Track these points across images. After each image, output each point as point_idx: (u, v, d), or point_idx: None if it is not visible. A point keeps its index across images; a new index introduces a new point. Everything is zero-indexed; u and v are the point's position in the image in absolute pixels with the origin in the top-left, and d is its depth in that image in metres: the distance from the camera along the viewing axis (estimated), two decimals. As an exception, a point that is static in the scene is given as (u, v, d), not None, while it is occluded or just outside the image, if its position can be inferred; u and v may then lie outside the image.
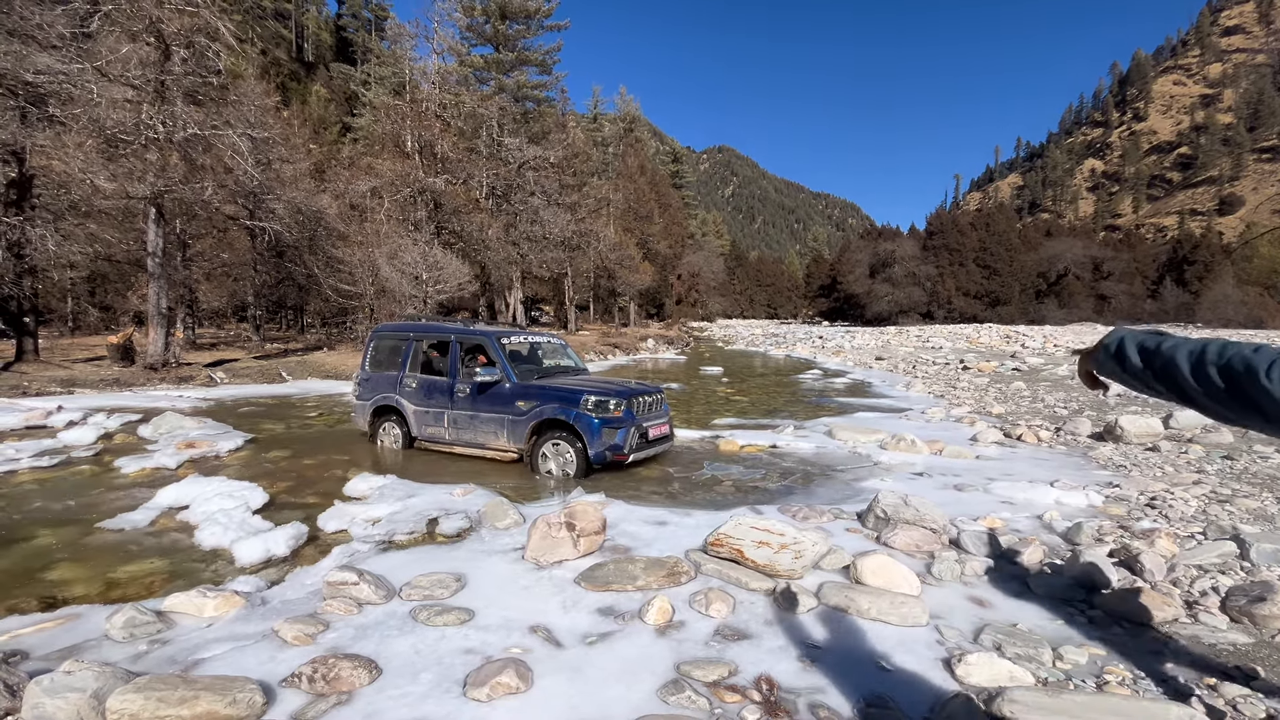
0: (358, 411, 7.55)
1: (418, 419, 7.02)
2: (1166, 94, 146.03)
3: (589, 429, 5.99)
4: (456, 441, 6.85)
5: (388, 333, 7.65)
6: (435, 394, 6.91)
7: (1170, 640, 2.79)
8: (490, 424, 6.56)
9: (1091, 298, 50.21)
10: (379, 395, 7.30)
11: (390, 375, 7.25)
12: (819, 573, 3.50)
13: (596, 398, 6.12)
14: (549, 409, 6.23)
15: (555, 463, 6.19)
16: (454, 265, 17.87)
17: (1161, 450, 6.56)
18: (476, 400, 6.64)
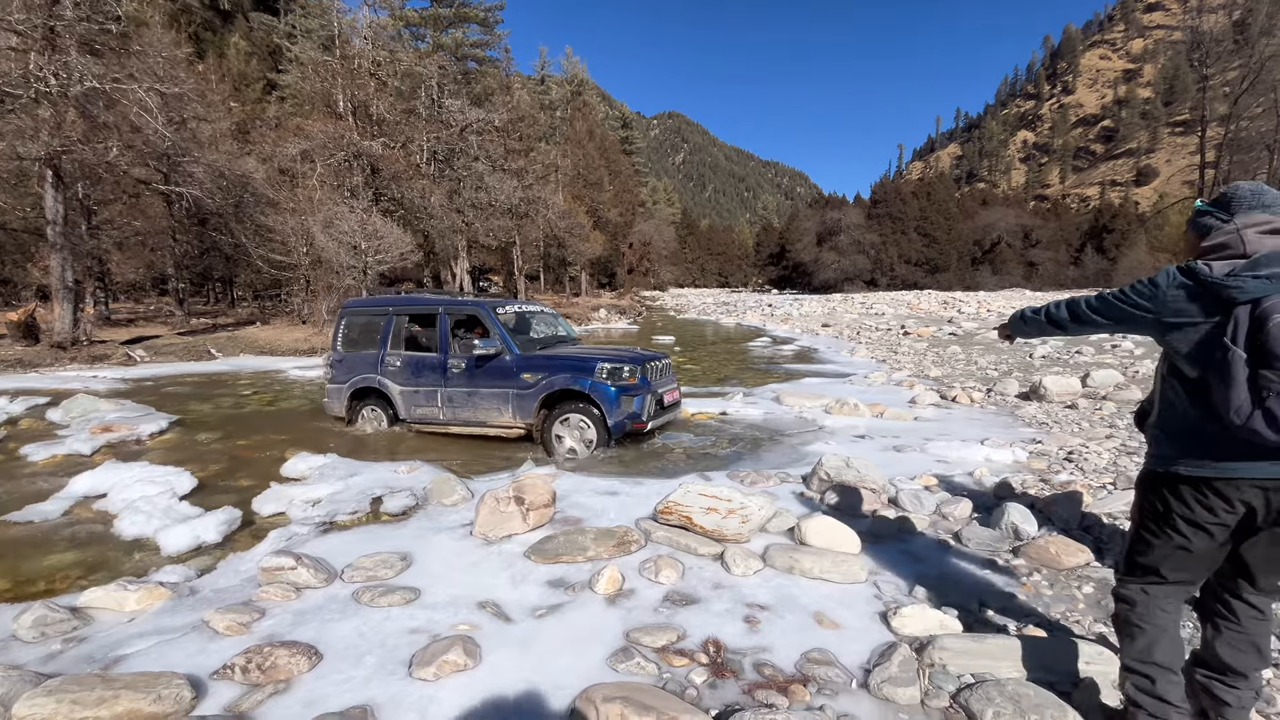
0: (331, 396, 6.99)
1: (405, 400, 6.60)
2: (1093, 68, 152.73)
3: (606, 398, 5.71)
4: (453, 421, 6.46)
5: (361, 308, 7.07)
6: (424, 372, 6.51)
7: (1082, 583, 3.01)
8: (492, 400, 6.21)
9: (1021, 265, 52.90)
10: (357, 377, 6.77)
11: (368, 355, 6.74)
12: (766, 535, 3.60)
13: (610, 365, 5.86)
14: (560, 379, 5.92)
15: (572, 437, 5.87)
16: (395, 234, 17.08)
17: (1079, 408, 7.02)
18: (474, 376, 6.28)
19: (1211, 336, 1.68)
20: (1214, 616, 1.91)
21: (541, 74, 61.26)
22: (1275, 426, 1.56)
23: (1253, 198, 1.74)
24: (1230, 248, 1.70)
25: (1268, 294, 1.60)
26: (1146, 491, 1.89)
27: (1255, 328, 1.60)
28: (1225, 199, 1.79)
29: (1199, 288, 1.69)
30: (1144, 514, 1.90)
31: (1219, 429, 1.69)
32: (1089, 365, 9.73)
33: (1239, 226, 1.71)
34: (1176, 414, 1.79)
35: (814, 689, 2.25)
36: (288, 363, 13.49)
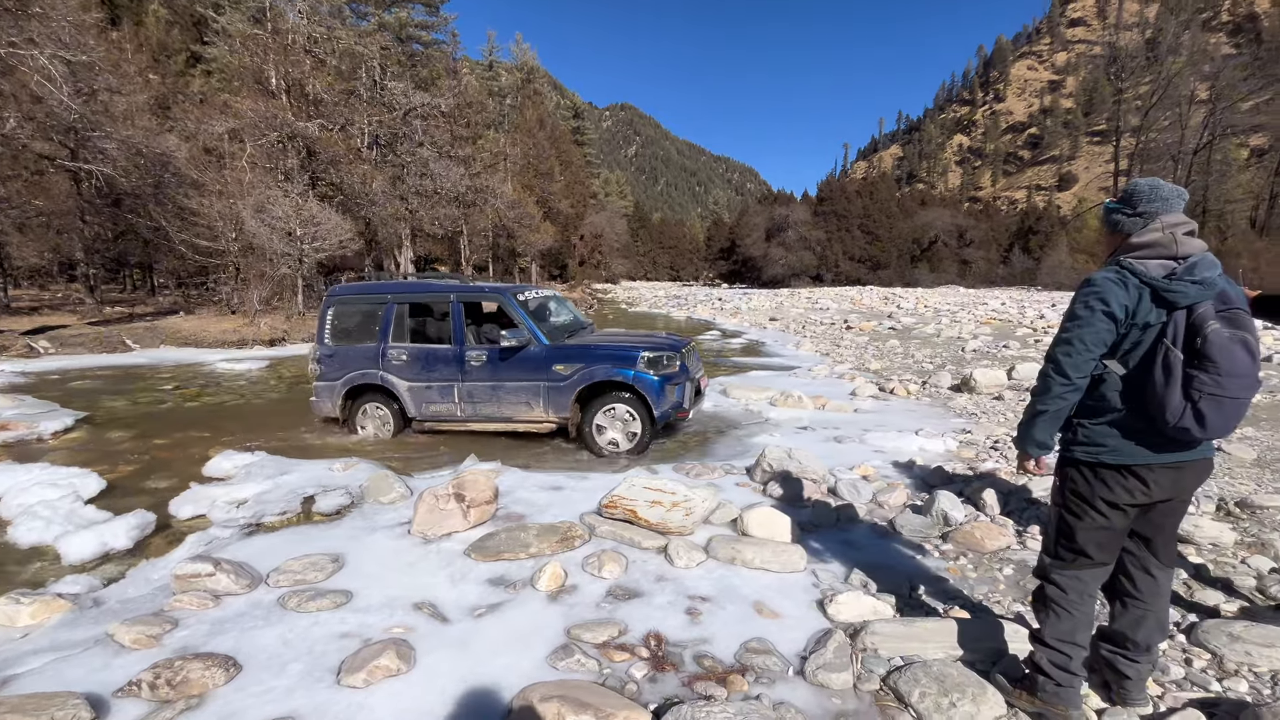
0: (321, 395, 6.23)
1: (415, 396, 6.03)
2: (1022, 78, 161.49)
3: (651, 389, 5.50)
4: (473, 418, 6.00)
5: (351, 296, 6.32)
6: (437, 365, 5.97)
7: (1003, 565, 3.18)
8: (520, 394, 5.81)
9: (956, 263, 55.56)
10: (353, 372, 6.10)
11: (366, 348, 6.09)
12: (709, 527, 3.63)
13: (651, 353, 5.64)
14: (600, 370, 5.60)
15: (615, 430, 5.63)
16: (333, 221, 16.31)
17: (1005, 399, 7.43)
18: (498, 368, 5.83)
19: (1150, 338, 1.78)
20: (1121, 595, 2.05)
21: (490, 60, 59.65)
22: (1204, 425, 1.68)
23: (1151, 192, 1.85)
24: (1162, 246, 1.79)
25: (1202, 300, 1.71)
26: (1070, 479, 1.99)
27: (1190, 332, 1.71)
28: (1130, 195, 1.90)
29: (1147, 290, 1.77)
30: (1067, 500, 2.00)
31: (1145, 423, 1.80)
32: (1014, 359, 10.30)
33: (1167, 225, 1.81)
34: (1103, 408, 1.88)
35: (752, 678, 2.28)
36: (215, 355, 12.70)
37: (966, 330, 14.85)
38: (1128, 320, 1.80)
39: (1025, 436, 2.02)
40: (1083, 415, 1.93)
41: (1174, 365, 1.71)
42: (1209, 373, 1.66)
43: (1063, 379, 1.89)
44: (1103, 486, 1.90)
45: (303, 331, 15.09)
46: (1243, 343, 1.65)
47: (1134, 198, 1.88)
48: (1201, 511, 3.65)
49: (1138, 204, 1.87)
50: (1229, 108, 53.61)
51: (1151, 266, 1.77)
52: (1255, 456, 4.79)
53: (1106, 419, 1.88)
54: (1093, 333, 1.84)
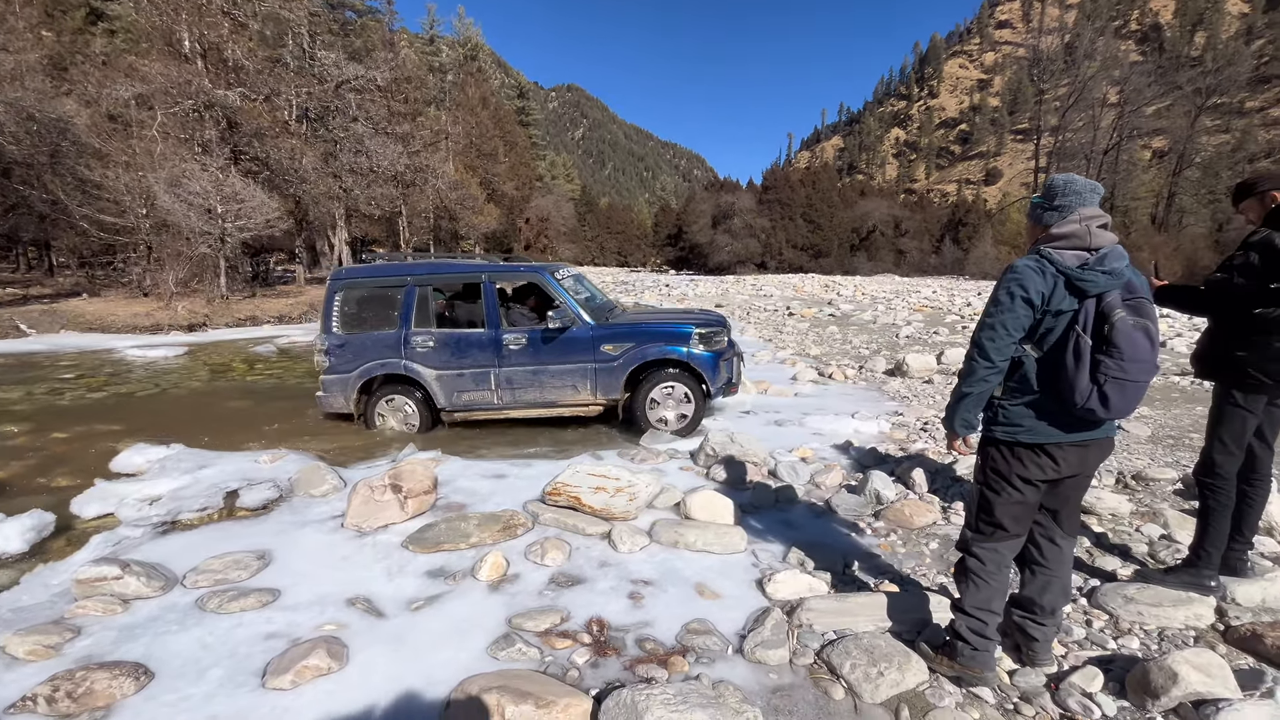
0: (331, 389, 5.70)
1: (445, 385, 5.63)
2: (954, 75, 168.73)
3: (706, 365, 5.50)
4: (513, 404, 5.70)
5: (361, 279, 5.74)
6: (470, 351, 5.60)
7: (929, 540, 3.36)
8: (566, 376, 5.60)
9: (892, 252, 57.86)
10: (370, 362, 5.61)
11: (384, 335, 5.61)
12: (653, 511, 3.66)
13: (703, 329, 5.60)
14: (653, 350, 5.51)
15: (669, 408, 5.59)
16: (258, 198, 15.29)
17: (935, 382, 7.82)
18: (540, 351, 5.58)
19: (1063, 324, 1.89)
20: (1031, 564, 2.20)
21: (431, 34, 57.25)
22: (1108, 406, 1.81)
23: (1065, 186, 1.97)
24: (1078, 238, 1.90)
25: (1110, 289, 1.83)
26: (990, 457, 2.11)
27: (1099, 319, 1.82)
28: (1049, 189, 2.01)
29: (1062, 278, 1.88)
30: (988, 477, 2.12)
31: (1057, 404, 1.92)
32: (944, 344, 10.85)
33: (1083, 218, 1.92)
34: (1021, 389, 1.99)
35: (693, 659, 2.32)
36: (124, 341, 11.74)
37: (901, 317, 15.52)
38: (1044, 306, 1.91)
39: (951, 417, 2.12)
40: (1003, 397, 2.05)
41: (1083, 350, 1.83)
42: (1114, 358, 1.78)
43: (986, 362, 1.99)
44: (1019, 464, 2.03)
45: (226, 316, 14.16)
46: (1145, 330, 1.78)
47: (1051, 192, 1.99)
48: (1103, 485, 3.96)
49: (1054, 198, 1.98)
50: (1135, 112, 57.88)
51: (1067, 256, 1.88)
52: (1150, 433, 5.25)
53: (1023, 400, 1.99)
54: (1013, 318, 1.94)
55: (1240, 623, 2.41)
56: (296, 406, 6.87)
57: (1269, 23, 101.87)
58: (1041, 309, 1.91)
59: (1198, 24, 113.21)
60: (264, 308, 15.55)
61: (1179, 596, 2.52)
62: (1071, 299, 1.87)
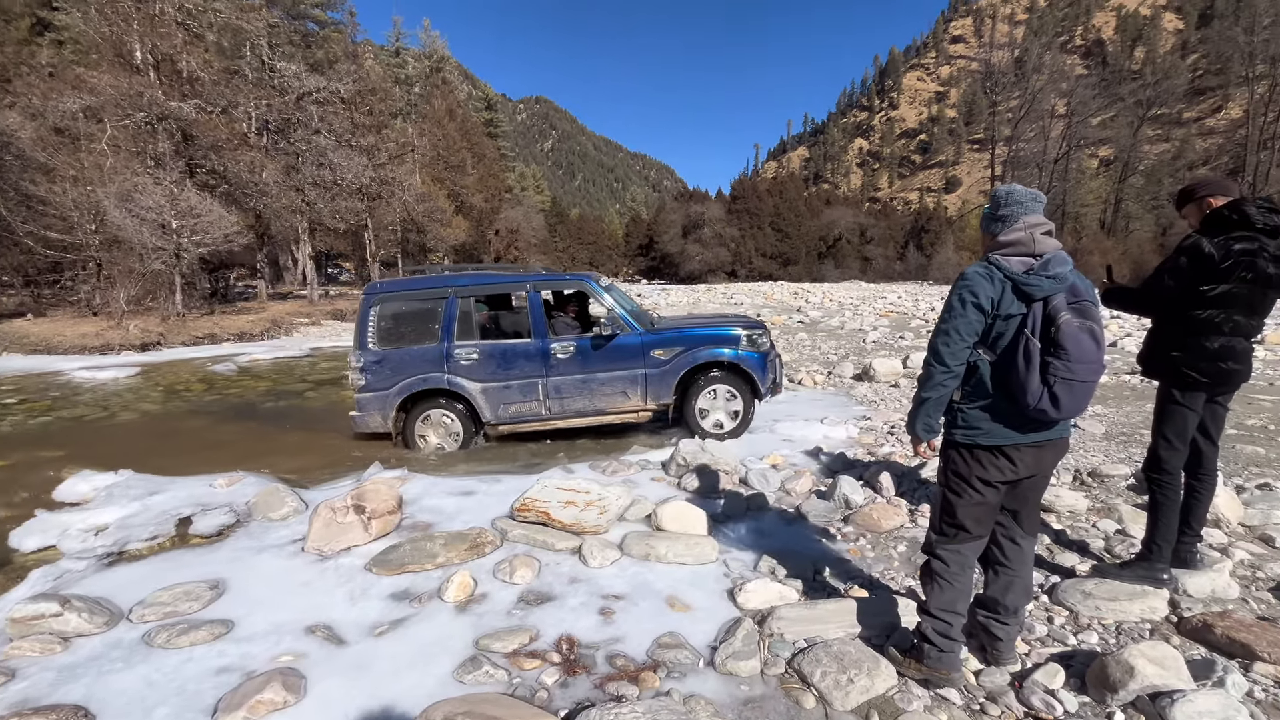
0: (368, 407, 5.51)
1: (491, 398, 5.55)
2: (913, 88, 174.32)
3: (756, 366, 5.64)
4: (561, 414, 5.72)
5: (399, 292, 5.59)
6: (517, 362, 5.56)
7: (897, 543, 3.40)
8: (616, 384, 5.65)
9: (859, 259, 59.15)
10: (410, 378, 5.45)
11: (425, 349, 5.49)
12: (624, 524, 3.62)
13: (748, 332, 5.73)
14: (703, 353, 5.63)
15: (719, 411, 5.69)
16: (215, 212, 14.85)
17: (901, 386, 7.97)
18: (589, 359, 5.60)
19: (1013, 328, 1.94)
20: (994, 564, 2.24)
21: (396, 45, 56.76)
22: (1058, 406, 1.86)
23: (1007, 196, 2.04)
24: (1023, 245, 1.96)
25: (1055, 292, 1.89)
26: (951, 460, 2.14)
27: (1046, 322, 1.87)
28: (994, 200, 2.08)
29: (1009, 284, 1.93)
30: (950, 480, 2.16)
31: (1011, 406, 1.97)
32: (909, 349, 11.10)
33: (1027, 225, 1.98)
34: (977, 393, 2.04)
35: (664, 674, 2.29)
36: (72, 362, 11.23)
37: (867, 323, 15.84)
38: (994, 311, 1.96)
39: (913, 422, 2.16)
40: (961, 401, 2.09)
41: (1033, 353, 1.88)
42: (1061, 359, 1.83)
43: (942, 367, 2.03)
44: (978, 466, 2.07)
45: (183, 334, 13.67)
46: (1090, 331, 1.84)
47: (996, 202, 2.06)
48: (1061, 483, 4.08)
49: (999, 208, 2.05)
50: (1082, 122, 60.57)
51: (1013, 263, 1.94)
52: (1103, 431, 5.43)
53: (980, 404, 2.04)
54: (965, 323, 1.99)
55: (1192, 614, 2.49)
56: (258, 427, 6.66)
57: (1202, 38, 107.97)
58: (992, 314, 1.96)
59: (1137, 39, 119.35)
60: (224, 325, 15.07)
61: (1134, 590, 2.60)
62: (1019, 303, 1.93)
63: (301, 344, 14.25)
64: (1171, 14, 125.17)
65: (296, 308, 19.85)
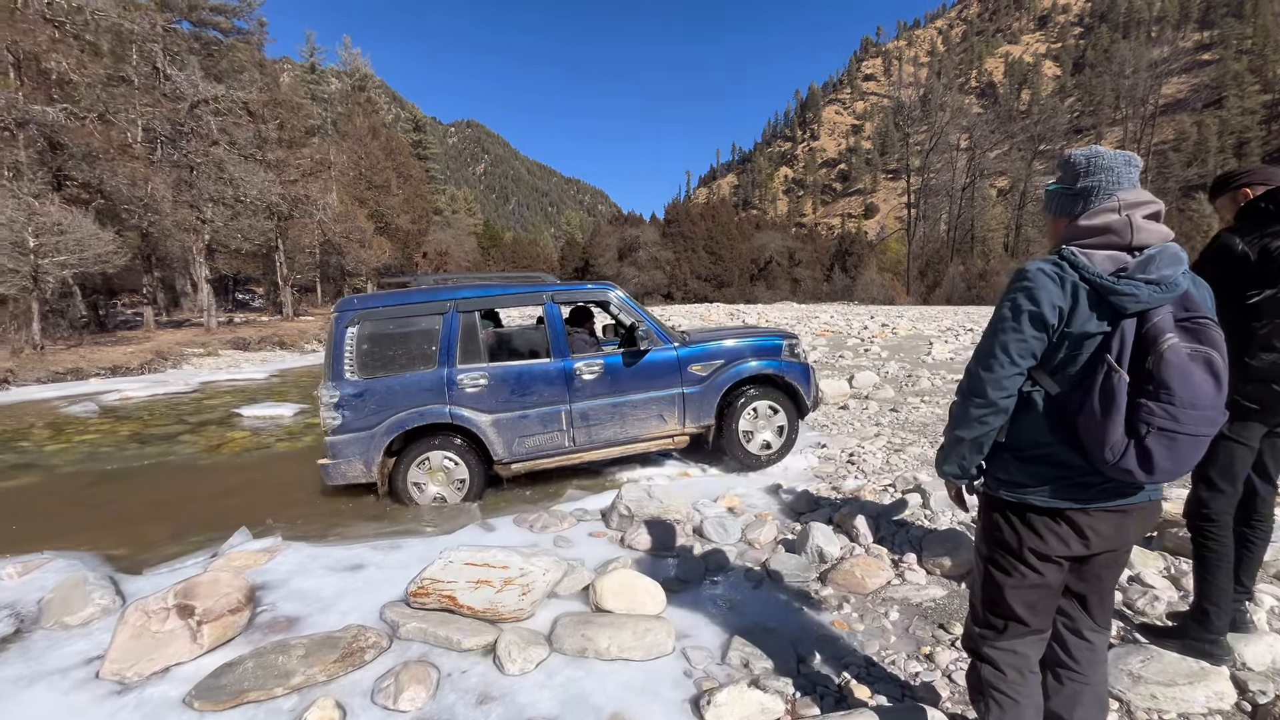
0: (344, 452, 4.36)
1: (505, 431, 4.56)
2: (832, 120, 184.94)
3: (801, 378, 5.19)
4: (588, 445, 4.84)
5: (385, 309, 4.48)
6: (535, 387, 4.63)
7: (887, 608, 2.81)
8: (651, 406, 4.89)
9: (788, 281, 60.97)
10: (402, 413, 4.38)
11: (419, 377, 4.43)
12: (555, 602, 2.86)
13: (788, 341, 5.27)
14: (747, 366, 5.05)
15: (766, 430, 5.14)
16: (85, 229, 12.97)
17: (850, 408, 7.62)
18: (620, 379, 4.82)
19: (1089, 352, 1.37)
20: (1055, 666, 1.65)
21: (311, 60, 54.33)
22: (1150, 467, 1.28)
23: (1089, 162, 1.46)
24: (1115, 232, 1.39)
25: (1158, 304, 1.31)
26: (994, 525, 1.56)
27: (1141, 347, 1.30)
28: (1068, 168, 1.51)
29: (1086, 289, 1.36)
30: (992, 551, 1.57)
31: (1079, 459, 1.39)
32: (851, 368, 10.93)
33: (1123, 204, 1.42)
34: (1031, 436, 1.47)
35: None
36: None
37: (806, 342, 15.77)
38: (1061, 326, 1.40)
39: (941, 461, 1.60)
40: (1008, 443, 1.51)
41: (1117, 390, 1.31)
42: (1162, 401, 1.27)
43: (981, 400, 1.46)
44: (1032, 535, 1.49)
45: (38, 370, 11.69)
46: (1207, 362, 1.27)
47: (1072, 170, 1.50)
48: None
49: (1076, 177, 1.49)
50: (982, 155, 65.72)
51: (1097, 259, 1.38)
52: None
53: (1034, 450, 1.47)
54: (1018, 341, 1.41)
55: (1266, 700, 2.00)
56: (97, 486, 5.41)
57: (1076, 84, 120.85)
58: (1059, 330, 1.40)
59: (1023, 83, 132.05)
60: (93, 357, 13.07)
61: (1191, 669, 2.10)
62: (1101, 319, 1.36)
63: (190, 378, 12.53)
64: (1050, 61, 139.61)
65: (190, 336, 17.76)
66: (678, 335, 5.19)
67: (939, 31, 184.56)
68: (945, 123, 71.49)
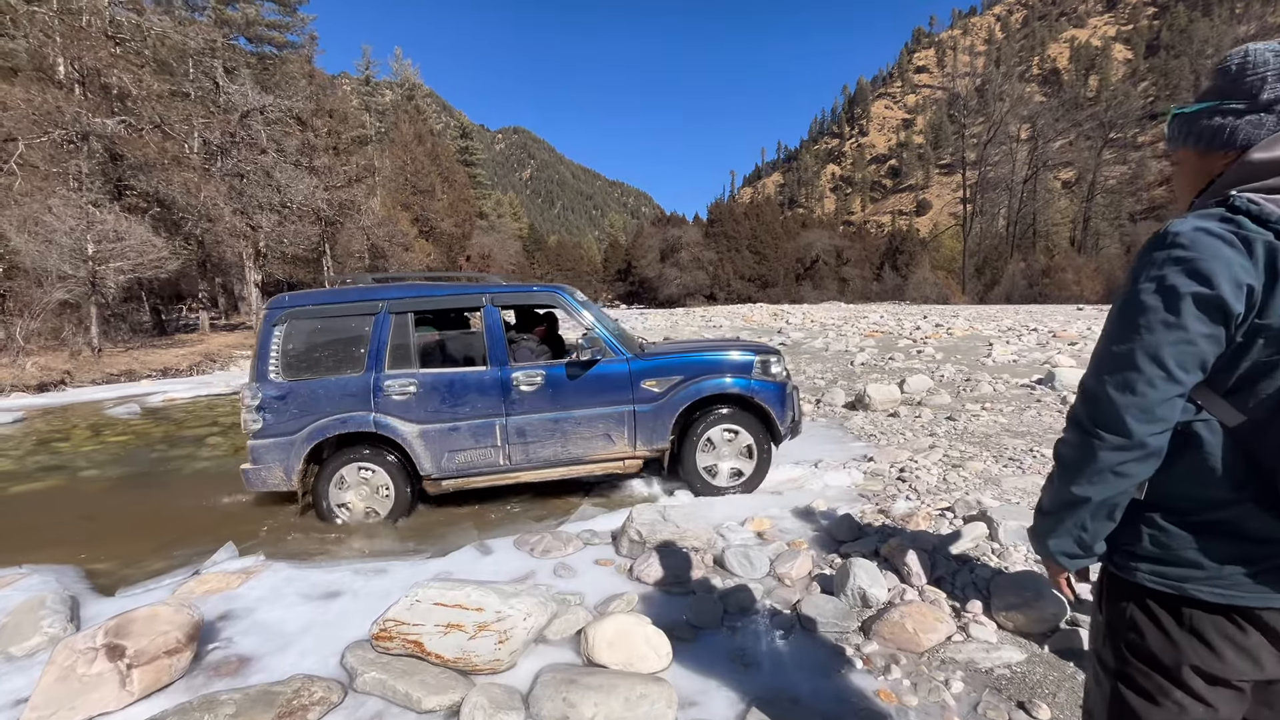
0: (264, 457, 4.12)
1: (433, 444, 4.23)
2: (881, 115, 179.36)
3: (773, 400, 4.52)
4: (525, 464, 4.41)
5: (316, 307, 4.27)
6: (468, 396, 4.27)
7: (949, 674, 2.25)
8: (597, 423, 4.39)
9: (836, 280, 59.15)
10: (324, 419, 4.12)
11: (344, 381, 4.16)
12: (543, 649, 2.43)
13: (760, 357, 4.62)
14: (709, 382, 4.46)
15: (730, 457, 4.56)
16: (139, 235, 13.48)
17: (901, 415, 6.93)
18: (562, 392, 4.36)
19: None
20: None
21: (366, 74, 56.29)
22: None
23: (1256, 60, 0.94)
24: None
25: None
26: (1130, 624, 1.03)
27: None
28: (1239, 73, 0.97)
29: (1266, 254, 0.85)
30: (1126, 664, 1.04)
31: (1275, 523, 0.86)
32: (902, 371, 10.13)
33: None
34: (1195, 490, 0.94)
35: None
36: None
37: (853, 343, 14.92)
38: (1249, 314, 0.86)
39: (1045, 535, 1.07)
40: (1156, 501, 0.99)
41: None
42: None
43: (1117, 440, 0.93)
44: (1197, 645, 0.96)
45: (94, 372, 12.17)
46: None
47: (1242, 77, 0.96)
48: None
49: (1252, 88, 0.95)
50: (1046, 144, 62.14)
51: None
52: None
53: (1202, 514, 0.94)
54: (1178, 343, 0.89)
55: None
56: (110, 491, 5.33)
57: (1150, 67, 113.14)
58: (1244, 319, 0.87)
59: (1090, 69, 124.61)
60: (147, 360, 13.57)
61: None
62: None
63: (234, 380, 12.82)
64: (1120, 44, 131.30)
65: (241, 339, 18.36)
66: (634, 346, 4.66)
67: (997, 18, 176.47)
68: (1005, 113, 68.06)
